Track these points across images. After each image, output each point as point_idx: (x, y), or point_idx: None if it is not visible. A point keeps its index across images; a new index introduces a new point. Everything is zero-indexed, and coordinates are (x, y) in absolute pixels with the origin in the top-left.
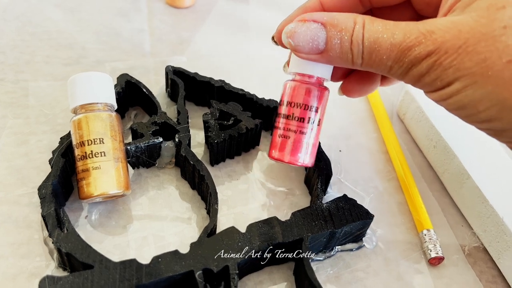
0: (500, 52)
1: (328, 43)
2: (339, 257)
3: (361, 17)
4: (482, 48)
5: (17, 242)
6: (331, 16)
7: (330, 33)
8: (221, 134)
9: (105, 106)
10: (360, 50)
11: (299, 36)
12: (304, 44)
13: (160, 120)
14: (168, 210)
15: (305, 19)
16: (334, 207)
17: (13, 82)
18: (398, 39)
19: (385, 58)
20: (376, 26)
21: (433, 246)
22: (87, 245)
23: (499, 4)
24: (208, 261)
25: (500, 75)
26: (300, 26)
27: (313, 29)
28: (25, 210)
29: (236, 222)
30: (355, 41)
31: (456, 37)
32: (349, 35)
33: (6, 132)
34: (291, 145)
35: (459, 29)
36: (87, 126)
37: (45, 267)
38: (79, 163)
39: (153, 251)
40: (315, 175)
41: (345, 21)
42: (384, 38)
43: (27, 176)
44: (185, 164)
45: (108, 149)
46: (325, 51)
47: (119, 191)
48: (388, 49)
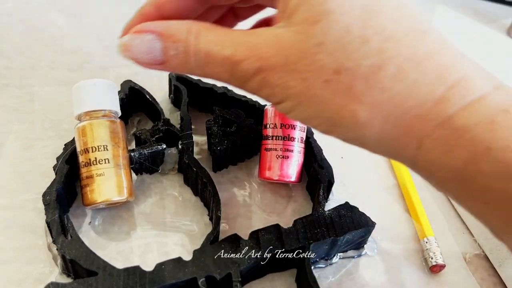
0: (317, 71)
1: (165, 54)
2: (341, 264)
3: (196, 27)
4: (302, 67)
5: (22, 248)
6: (166, 26)
7: (166, 44)
8: (224, 141)
9: (109, 113)
10: (195, 61)
11: (134, 49)
12: (141, 56)
13: (164, 127)
14: (171, 217)
15: (139, 30)
16: (336, 214)
17: (19, 87)
18: (228, 52)
19: (219, 71)
20: (210, 36)
21: (434, 254)
22: (91, 252)
23: (314, 17)
24: (211, 268)
25: (320, 95)
26: (134, 38)
27: (148, 41)
28: (30, 216)
29: (239, 229)
30: (190, 52)
31: (279, 53)
32: (183, 46)
33: (11, 137)
34: (281, 164)
35: (282, 45)
36: (91, 133)
37: (49, 273)
38: (83, 170)
39: (157, 257)
40: (317, 182)
41: (179, 31)
42: (216, 50)
43: (32, 182)
44: (188, 171)
45: (112, 156)
46: (164, 62)
47: (122, 198)
48: (220, 62)
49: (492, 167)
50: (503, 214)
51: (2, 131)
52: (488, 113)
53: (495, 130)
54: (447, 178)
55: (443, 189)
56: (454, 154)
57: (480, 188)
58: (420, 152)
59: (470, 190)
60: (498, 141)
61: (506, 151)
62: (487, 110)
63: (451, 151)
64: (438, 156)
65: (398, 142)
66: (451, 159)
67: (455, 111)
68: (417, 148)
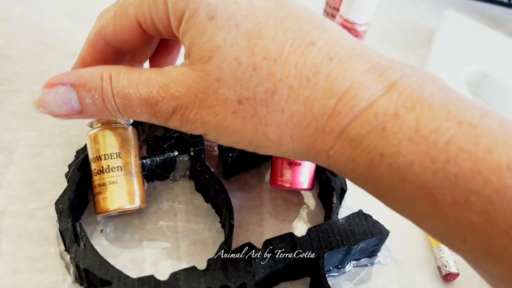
0: (224, 105)
1: (82, 103)
2: (354, 272)
3: (107, 71)
4: (211, 102)
5: (33, 257)
6: (79, 76)
7: (80, 93)
8: (235, 148)
9: (121, 120)
10: (114, 106)
11: (49, 103)
12: (58, 110)
13: (176, 134)
14: (182, 224)
15: (51, 84)
16: (350, 222)
17: (28, 93)
18: (143, 94)
19: (139, 112)
20: (122, 80)
21: (447, 262)
22: (105, 261)
23: (206, 55)
24: (225, 278)
25: (234, 125)
26: (47, 93)
27: (62, 93)
28: (41, 224)
29: (251, 236)
30: (106, 98)
31: (189, 92)
32: (99, 93)
33: (20, 144)
34: (293, 171)
35: (189, 84)
36: (104, 141)
37: (62, 282)
38: (96, 178)
39: (169, 266)
40: (330, 189)
41: (92, 79)
42: (131, 93)
43: (41, 189)
44: (200, 178)
45: (125, 163)
46: (83, 110)
47: (135, 206)
48: (138, 104)
49: (389, 171)
50: (409, 210)
51: (12, 138)
52: (378, 121)
53: (386, 137)
54: (359, 182)
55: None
56: (356, 162)
57: (386, 189)
58: (330, 161)
59: (379, 191)
60: (389, 148)
61: (397, 156)
62: (377, 117)
63: (353, 160)
64: (344, 164)
65: (310, 154)
66: (355, 167)
67: (347, 122)
68: (326, 158)
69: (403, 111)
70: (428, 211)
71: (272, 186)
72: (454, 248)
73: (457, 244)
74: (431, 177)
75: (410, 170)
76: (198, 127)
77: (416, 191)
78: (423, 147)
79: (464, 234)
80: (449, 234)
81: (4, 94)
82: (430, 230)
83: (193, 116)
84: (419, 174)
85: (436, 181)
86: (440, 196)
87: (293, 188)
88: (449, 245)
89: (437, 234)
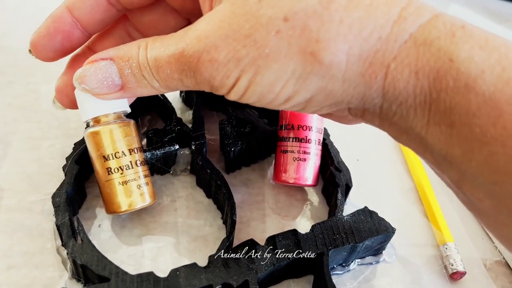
0: (266, 26)
1: (122, 76)
2: (359, 271)
3: (144, 41)
4: (248, 30)
5: (30, 252)
6: (117, 49)
7: (119, 65)
8: (238, 142)
9: (120, 115)
10: (150, 72)
11: (90, 79)
12: (99, 85)
13: (176, 127)
14: (183, 219)
15: (92, 60)
16: (355, 219)
17: (24, 85)
18: (172, 49)
19: (170, 72)
20: (157, 44)
21: (454, 261)
22: (103, 256)
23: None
24: (227, 275)
25: (276, 50)
26: (88, 68)
27: (103, 67)
28: (38, 218)
29: (253, 233)
30: (142, 65)
31: (219, 27)
32: (136, 61)
33: (17, 136)
34: (297, 167)
35: (220, 18)
36: (105, 140)
37: (59, 278)
38: (102, 178)
39: (169, 262)
40: (334, 186)
41: (130, 49)
42: (161, 52)
43: (39, 182)
44: (201, 172)
45: (130, 161)
46: (123, 85)
47: (146, 203)
48: (167, 62)
49: (455, 80)
50: (465, 134)
51: (9, 130)
52: (447, 29)
53: (457, 43)
54: (414, 107)
55: (409, 124)
56: (421, 74)
57: (445, 109)
58: (387, 82)
59: (435, 115)
60: (460, 53)
61: (468, 62)
62: (445, 26)
63: (417, 71)
64: (406, 80)
65: (365, 76)
66: (418, 81)
67: (415, 29)
68: (385, 77)
69: (470, 26)
70: (488, 131)
71: (276, 182)
72: (504, 182)
73: (510, 175)
74: (502, 87)
75: (480, 77)
76: (230, 69)
77: (482, 105)
78: (495, 56)
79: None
80: (505, 160)
81: (0, 86)
82: (481, 163)
83: (224, 56)
84: (490, 82)
85: (507, 91)
86: (507, 108)
87: (297, 184)
88: (500, 178)
89: (488, 166)
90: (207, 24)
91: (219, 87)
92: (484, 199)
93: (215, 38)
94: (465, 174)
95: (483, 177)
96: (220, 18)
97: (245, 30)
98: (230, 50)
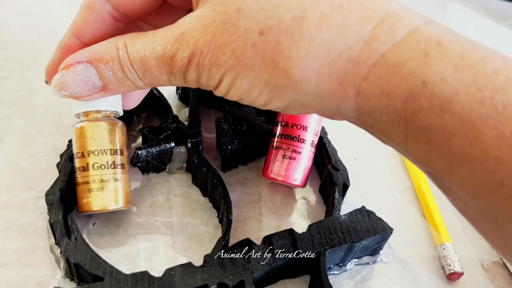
0: (243, 38)
1: (102, 78)
2: (356, 271)
3: (121, 40)
4: (228, 38)
5: (22, 250)
6: (93, 50)
7: (99, 68)
8: (235, 140)
9: (110, 114)
10: (134, 74)
11: (69, 84)
12: (80, 90)
13: (172, 124)
14: (178, 218)
15: (68, 65)
16: (353, 219)
17: (18, 80)
18: (159, 53)
19: (158, 74)
20: (137, 44)
21: (452, 261)
22: (97, 255)
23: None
24: (222, 275)
25: (252, 61)
26: (65, 74)
27: (81, 71)
28: (31, 216)
29: (249, 232)
30: (125, 67)
31: (204, 33)
32: (117, 63)
33: (11, 133)
34: (287, 165)
35: (204, 24)
36: (90, 135)
37: (52, 277)
38: (79, 175)
39: (164, 261)
40: (332, 185)
41: (107, 50)
42: (148, 55)
43: (32, 180)
44: (197, 171)
45: (111, 161)
46: (105, 86)
47: (118, 207)
48: (155, 65)
49: (429, 101)
50: (443, 151)
51: (1, 126)
52: (421, 47)
53: (430, 63)
54: (390, 123)
55: (388, 137)
56: (393, 94)
57: (421, 127)
58: (360, 100)
59: (412, 132)
60: (434, 74)
61: (442, 83)
62: (419, 44)
63: (389, 91)
64: (378, 99)
65: (336, 94)
66: (390, 100)
67: (387, 49)
68: (356, 95)
69: (446, 41)
70: (466, 150)
71: (264, 178)
72: (485, 196)
73: (491, 191)
74: (477, 107)
75: (455, 99)
76: (214, 72)
77: (458, 125)
78: (469, 75)
79: (502, 176)
80: (484, 178)
81: None
82: (462, 178)
83: (208, 61)
84: (464, 103)
85: (482, 112)
86: (484, 129)
87: (285, 183)
88: (481, 192)
89: (469, 182)
90: (193, 29)
91: (205, 86)
92: (471, 207)
93: (202, 43)
94: (448, 186)
95: (466, 190)
96: (204, 23)
97: (225, 39)
98: (212, 56)
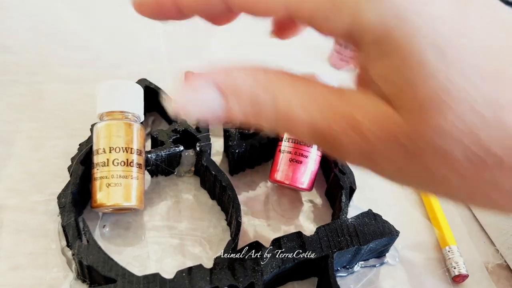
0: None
1: (228, 112)
2: (362, 273)
3: (272, 84)
4: (424, 158)
5: (34, 252)
6: (231, 79)
7: (232, 102)
8: (242, 144)
9: (132, 117)
10: (271, 123)
11: (192, 108)
12: (198, 115)
13: (181, 128)
14: (187, 221)
15: (196, 84)
16: (360, 222)
17: (27, 84)
18: (316, 122)
19: (302, 135)
20: (287, 94)
21: (457, 264)
22: (109, 257)
23: (425, 102)
24: (233, 277)
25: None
26: (189, 94)
27: (208, 99)
28: (42, 219)
29: (257, 235)
30: (264, 116)
31: (387, 135)
32: (265, 115)
33: (20, 136)
34: (294, 169)
35: (388, 127)
36: (110, 134)
37: (63, 278)
38: (95, 170)
39: (174, 263)
40: (338, 188)
41: (250, 89)
42: (298, 115)
43: (42, 182)
44: (206, 174)
45: (127, 160)
46: (225, 115)
47: (131, 204)
48: (305, 130)
49: None
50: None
51: (11, 129)
52: None
53: None
54: None
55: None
56: None
57: None
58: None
59: None
60: None
61: None
62: None
63: None
64: None
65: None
66: None
67: None
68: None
69: None
70: None
71: (271, 181)
72: None
73: None
74: None
75: None
76: (384, 168)
77: None
78: None
79: None
80: None
81: (2, 85)
82: None
83: (387, 165)
84: None
85: None
86: None
87: (292, 186)
88: None
89: None
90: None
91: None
92: None
93: (382, 145)
94: None
95: None
96: (388, 126)
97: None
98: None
